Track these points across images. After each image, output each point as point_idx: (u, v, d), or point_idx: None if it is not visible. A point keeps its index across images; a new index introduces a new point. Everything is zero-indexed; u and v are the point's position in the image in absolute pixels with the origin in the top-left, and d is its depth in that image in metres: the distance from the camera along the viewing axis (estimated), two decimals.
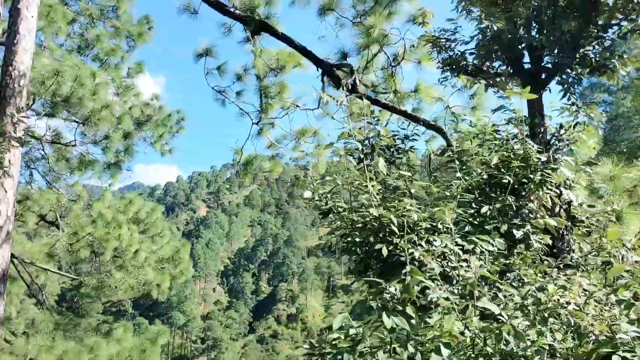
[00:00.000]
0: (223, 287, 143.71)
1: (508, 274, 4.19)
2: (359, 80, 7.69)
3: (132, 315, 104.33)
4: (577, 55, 5.41)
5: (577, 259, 4.84)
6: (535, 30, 5.68)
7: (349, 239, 3.93)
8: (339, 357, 2.69)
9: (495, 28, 5.31)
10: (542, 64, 5.64)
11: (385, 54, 7.97)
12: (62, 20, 13.72)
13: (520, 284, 4.02)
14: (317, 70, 8.29)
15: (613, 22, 5.53)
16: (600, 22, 5.51)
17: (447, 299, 2.99)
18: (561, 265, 3.95)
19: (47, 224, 15.61)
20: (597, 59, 5.40)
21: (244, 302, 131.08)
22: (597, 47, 5.48)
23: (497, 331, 2.77)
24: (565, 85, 5.46)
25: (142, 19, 15.49)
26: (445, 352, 2.57)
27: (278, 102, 10.42)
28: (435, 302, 3.00)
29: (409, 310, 2.78)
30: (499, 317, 3.15)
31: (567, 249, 4.94)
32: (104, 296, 15.80)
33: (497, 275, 3.67)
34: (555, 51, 5.46)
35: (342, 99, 4.10)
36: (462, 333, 2.83)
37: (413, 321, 2.76)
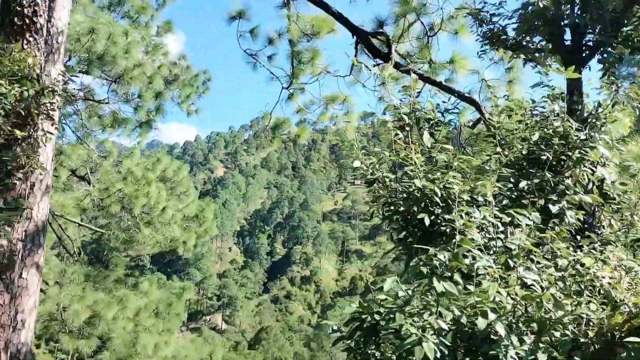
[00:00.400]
0: (239, 247, 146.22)
1: (541, 247, 4.37)
2: (395, 50, 7.74)
3: (151, 270, 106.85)
4: (620, 35, 5.43)
5: (607, 235, 5.00)
6: (578, 7, 5.68)
7: (392, 207, 4.13)
8: (391, 315, 2.92)
9: (542, 5, 5.34)
10: (583, 41, 5.67)
11: (422, 23, 7.98)
12: None
13: (552, 257, 4.20)
14: (353, 37, 8.33)
15: None
16: None
17: (490, 267, 3.20)
18: (597, 241, 4.11)
19: (77, 178, 16.03)
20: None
21: (259, 262, 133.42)
22: None
23: (538, 299, 2.97)
24: (606, 64, 5.51)
25: None
26: (492, 316, 2.78)
27: (310, 68, 10.50)
28: (477, 270, 3.20)
29: (457, 276, 2.99)
30: (532, 286, 3.35)
31: (598, 225, 5.09)
32: (132, 250, 16.37)
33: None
34: (597, 30, 5.48)
35: (389, 71, 4.23)
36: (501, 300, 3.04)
37: (460, 287, 2.98)
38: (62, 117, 14.04)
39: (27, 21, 6.32)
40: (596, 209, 5.25)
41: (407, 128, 4.20)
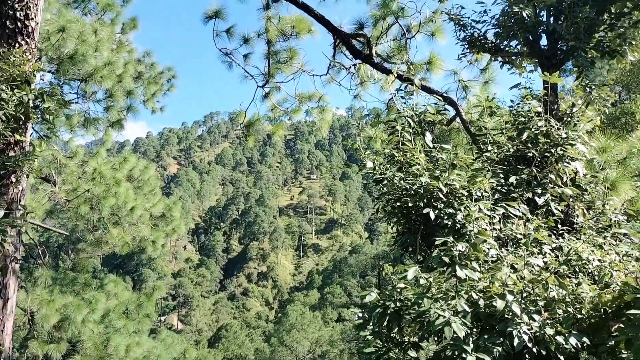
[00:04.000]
0: (194, 245, 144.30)
1: (528, 236, 4.81)
2: (375, 52, 8.09)
3: (102, 271, 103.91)
4: (592, 41, 5.96)
5: (581, 223, 5.52)
6: (553, 16, 6.18)
7: (398, 203, 4.47)
8: (420, 301, 3.25)
9: (525, 14, 5.80)
10: (558, 46, 6.16)
11: (400, 25, 8.34)
12: None
13: (538, 245, 4.66)
14: (333, 38, 8.63)
15: (625, 10, 6.07)
16: (613, 11, 6.04)
17: (501, 254, 3.58)
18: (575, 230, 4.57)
19: (41, 179, 15.66)
20: (609, 44, 5.97)
21: (215, 260, 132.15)
22: (610, 33, 6.03)
23: (544, 281, 3.38)
24: (580, 68, 6.03)
25: None
26: (509, 297, 3.16)
27: (287, 67, 10.74)
28: (491, 258, 3.58)
29: (475, 264, 3.36)
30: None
31: (574, 215, 5.59)
32: (101, 251, 16.15)
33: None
34: (571, 36, 5.98)
35: (392, 79, 4.54)
36: (514, 283, 3.43)
37: (478, 274, 3.34)
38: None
39: (20, 25, 6.33)
40: (571, 200, 5.76)
41: (410, 130, 4.55)
